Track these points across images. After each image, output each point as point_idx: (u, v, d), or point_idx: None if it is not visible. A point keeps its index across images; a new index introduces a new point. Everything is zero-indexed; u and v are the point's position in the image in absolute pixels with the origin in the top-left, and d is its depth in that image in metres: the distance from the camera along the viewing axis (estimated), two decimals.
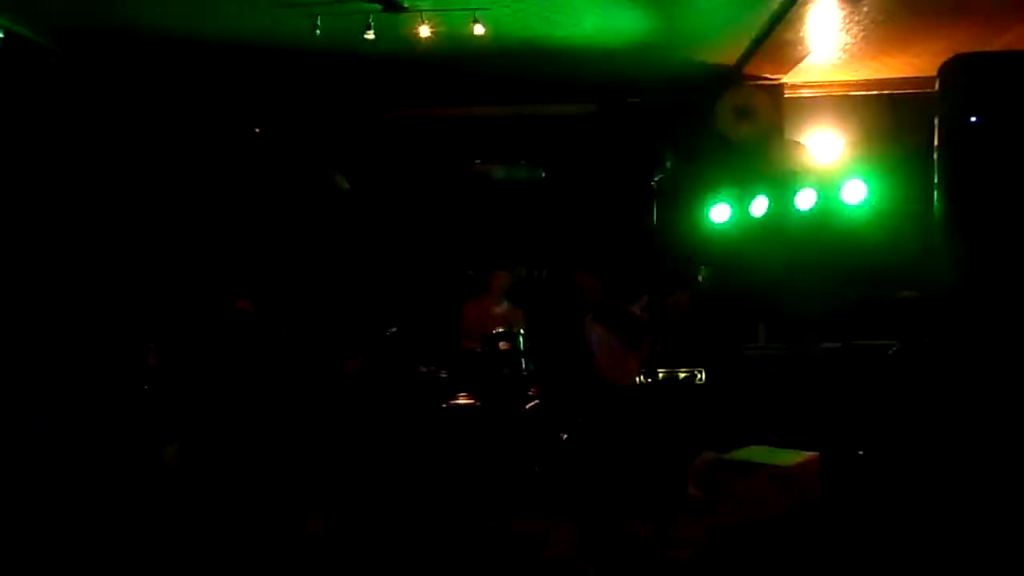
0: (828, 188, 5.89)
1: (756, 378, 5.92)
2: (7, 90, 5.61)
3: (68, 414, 5.38)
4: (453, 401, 5.69)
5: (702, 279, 4.47)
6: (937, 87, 4.22)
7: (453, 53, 6.00)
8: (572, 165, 7.05)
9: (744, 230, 6.43)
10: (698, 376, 6.09)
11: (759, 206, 6.34)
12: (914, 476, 4.32)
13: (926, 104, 4.50)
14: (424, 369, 5.99)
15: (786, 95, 6.92)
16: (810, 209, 6.04)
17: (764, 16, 5.53)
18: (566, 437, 5.56)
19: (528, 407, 5.66)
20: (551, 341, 4.49)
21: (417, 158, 7.29)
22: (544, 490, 5.34)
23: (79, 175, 6.21)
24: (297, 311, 4.20)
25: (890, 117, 6.78)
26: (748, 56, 6.30)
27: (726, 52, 6.30)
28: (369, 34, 5.32)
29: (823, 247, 6.20)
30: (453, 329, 6.41)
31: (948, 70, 4.18)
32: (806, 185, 6.04)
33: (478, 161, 7.38)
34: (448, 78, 6.79)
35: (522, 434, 5.55)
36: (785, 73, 6.68)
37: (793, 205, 6.09)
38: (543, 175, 7.30)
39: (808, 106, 7.03)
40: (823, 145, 6.87)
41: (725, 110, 6.77)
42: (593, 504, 4.20)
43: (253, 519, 4.50)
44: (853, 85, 6.93)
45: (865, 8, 5.36)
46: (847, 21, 5.61)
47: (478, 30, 5.31)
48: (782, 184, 6.22)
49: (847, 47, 6.12)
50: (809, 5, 5.23)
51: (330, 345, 4.13)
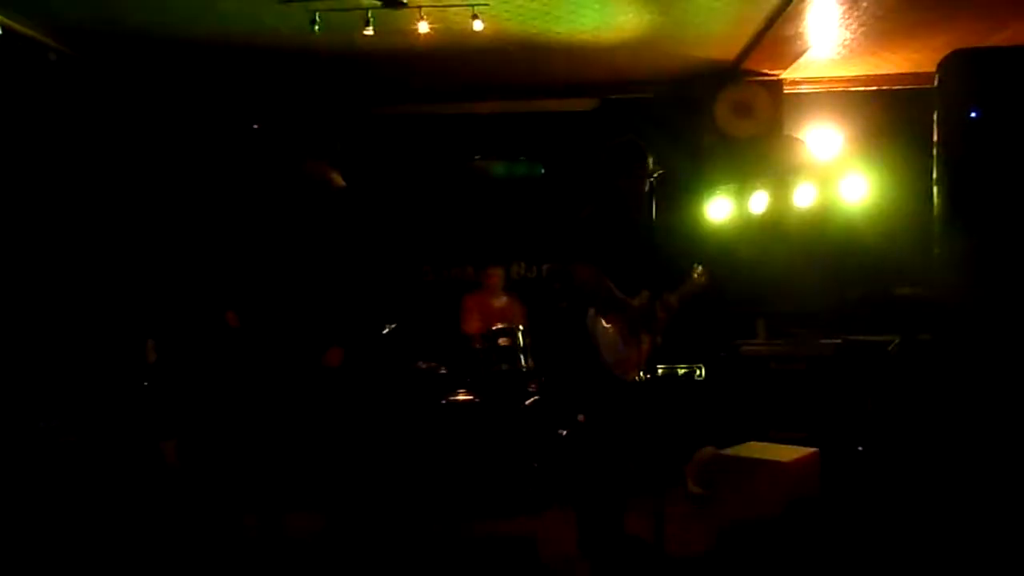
0: (827, 184, 5.90)
1: (755, 374, 5.93)
2: (5, 87, 5.60)
3: (67, 411, 5.38)
4: (452, 397, 5.69)
5: (696, 276, 4.47)
6: (936, 83, 4.22)
7: (452, 49, 6.00)
8: (571, 161, 7.04)
9: (743, 226, 6.44)
10: (697, 372, 6.10)
11: (758, 202, 6.34)
12: (913, 472, 4.33)
13: (925, 100, 4.49)
14: (423, 365, 6.00)
15: (785, 91, 6.91)
16: (809, 205, 6.05)
17: (763, 12, 5.52)
18: (565, 433, 5.57)
19: (528, 403, 5.66)
20: (554, 337, 4.48)
21: (416, 154, 7.29)
22: (543, 487, 5.35)
23: (77, 172, 6.20)
24: (290, 309, 4.20)
25: (889, 113, 6.77)
26: (747, 52, 6.30)
27: (725, 48, 6.29)
28: (368, 30, 5.32)
29: (822, 243, 6.21)
30: (452, 324, 6.41)
31: (947, 66, 4.18)
32: (805, 181, 6.04)
33: (477, 157, 7.38)
34: (447, 74, 6.79)
35: (521, 430, 5.56)
36: (784, 69, 6.68)
37: (792, 201, 6.09)
38: (542, 171, 7.31)
39: (807, 102, 7.02)
40: (822, 141, 6.87)
41: (724, 106, 6.77)
42: (592, 500, 4.20)
43: (252, 516, 4.50)
44: (852, 81, 6.92)
45: (864, 4, 5.36)
46: (846, 17, 5.60)
47: (477, 26, 5.31)
48: (781, 180, 6.22)
49: (846, 43, 6.12)
50: (808, 1, 5.23)
51: (321, 341, 4.12)
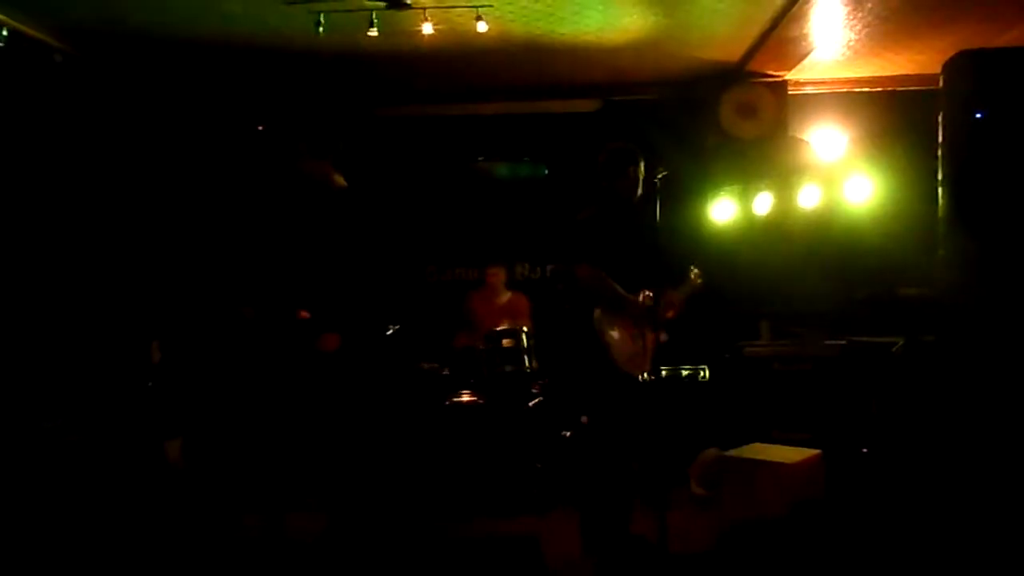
0: (831, 185, 5.89)
1: (759, 375, 5.92)
2: (12, 88, 5.62)
3: (71, 411, 5.39)
4: (456, 398, 5.69)
5: (693, 277, 4.47)
6: (941, 84, 4.22)
7: (456, 50, 6.00)
8: (575, 162, 7.04)
9: (747, 227, 6.43)
10: (701, 374, 6.09)
11: (762, 203, 6.34)
12: (918, 474, 4.32)
13: (930, 101, 4.49)
14: (426, 366, 6.00)
15: (790, 92, 6.89)
16: (813, 206, 6.04)
17: (768, 13, 5.52)
18: (569, 435, 5.56)
19: (531, 404, 5.66)
20: (562, 337, 4.47)
21: (420, 155, 7.29)
22: (546, 488, 5.35)
23: (82, 173, 6.22)
24: (293, 310, 4.20)
25: (894, 114, 6.76)
26: (752, 53, 6.29)
27: (729, 49, 6.29)
28: (372, 31, 5.32)
29: (826, 244, 6.20)
30: (458, 322, 6.40)
31: (952, 66, 4.18)
32: (809, 182, 6.03)
33: (481, 158, 7.38)
34: (451, 75, 6.79)
35: (525, 432, 5.55)
36: (789, 70, 6.67)
37: (796, 202, 6.09)
38: (546, 172, 7.31)
39: (812, 103, 7.01)
40: (827, 142, 6.85)
41: (728, 107, 6.76)
42: (597, 500, 4.20)
43: (255, 516, 4.50)
44: (857, 82, 6.91)
45: (869, 5, 5.36)
46: (851, 18, 5.60)
47: (481, 27, 5.31)
48: (785, 181, 6.22)
49: (851, 44, 6.11)
50: (813, 2, 5.23)
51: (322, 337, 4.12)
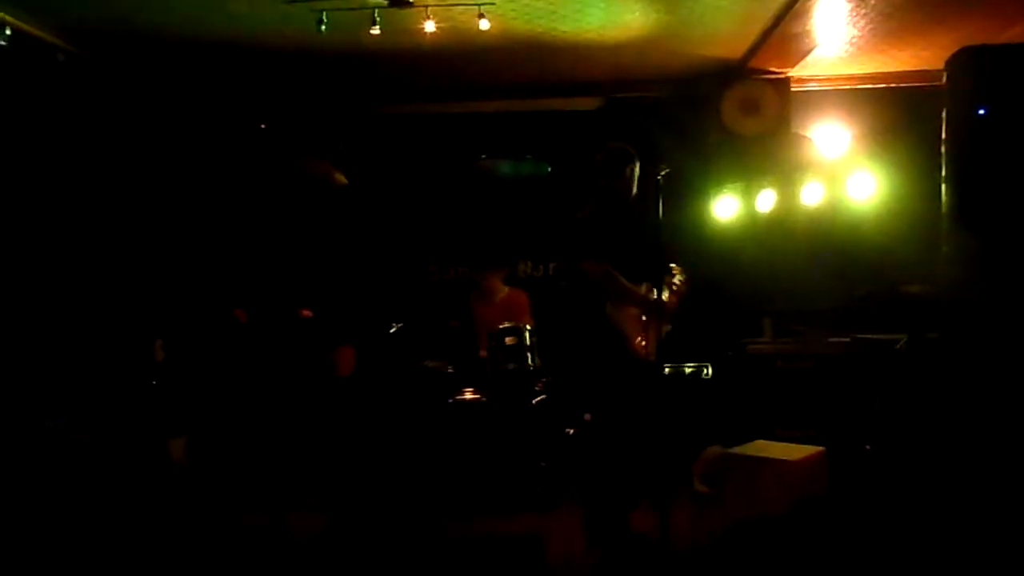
0: (835, 182, 5.88)
1: (762, 373, 5.92)
2: (15, 87, 5.63)
3: (75, 409, 5.41)
4: (459, 396, 5.70)
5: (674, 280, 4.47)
6: (944, 80, 4.21)
7: (459, 48, 6.00)
8: (578, 160, 7.04)
9: (750, 224, 6.43)
10: (704, 371, 6.09)
11: (765, 200, 6.33)
12: (921, 471, 4.32)
13: (933, 97, 4.48)
14: (430, 364, 6.00)
15: (793, 89, 6.87)
16: (816, 203, 6.03)
17: (771, 10, 5.51)
18: (573, 432, 5.57)
19: (535, 401, 5.66)
20: (572, 333, 4.45)
21: (422, 153, 7.28)
22: (550, 486, 5.35)
23: (86, 171, 6.23)
24: (296, 309, 4.20)
25: (897, 110, 6.74)
26: (754, 50, 6.28)
27: (732, 46, 6.28)
28: (375, 30, 5.32)
29: (829, 241, 6.19)
30: (464, 325, 6.40)
31: (955, 63, 4.18)
32: (812, 179, 6.03)
33: (484, 156, 7.38)
34: (454, 73, 6.79)
35: (528, 429, 5.56)
36: (792, 67, 6.66)
37: (799, 199, 6.08)
38: (549, 170, 7.30)
39: (815, 100, 6.99)
40: (830, 139, 6.84)
41: (731, 104, 6.75)
42: (600, 497, 4.21)
43: (257, 515, 4.51)
44: (860, 79, 6.89)
45: (872, 1, 5.35)
46: (854, 14, 5.59)
47: (484, 25, 5.31)
48: (788, 178, 6.21)
49: (854, 40, 6.10)
50: None
51: (328, 340, 4.12)
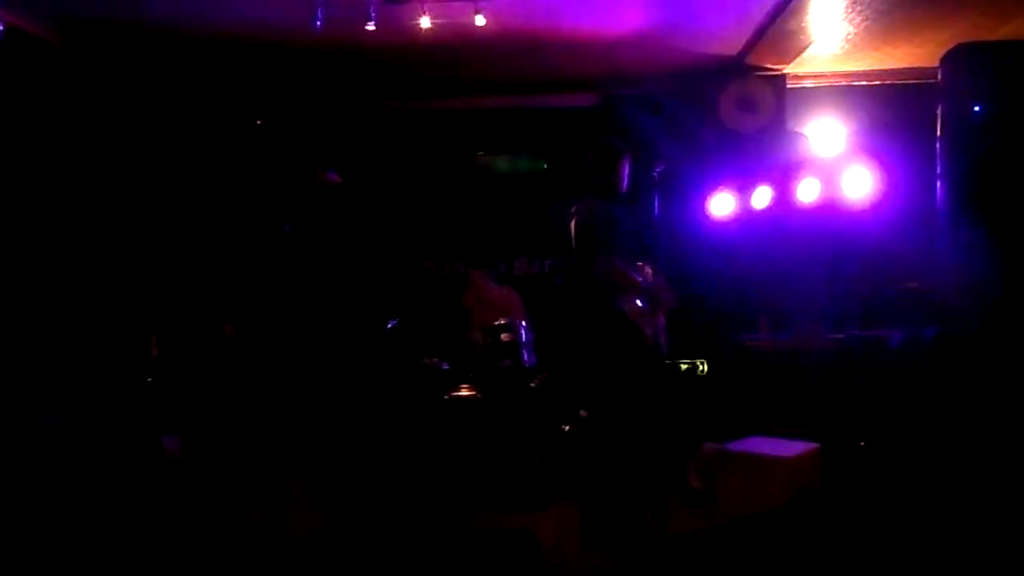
0: (830, 179, 5.88)
1: (757, 369, 5.92)
2: (8, 83, 5.61)
3: (70, 405, 5.40)
4: (455, 393, 5.70)
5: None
6: (940, 77, 4.22)
7: (455, 44, 5.99)
8: (574, 156, 7.03)
9: (746, 221, 6.43)
10: (699, 367, 6.09)
11: (761, 197, 6.33)
12: (916, 468, 4.32)
13: (929, 94, 4.50)
14: (426, 361, 6.00)
15: (788, 86, 6.89)
16: (812, 200, 6.03)
17: (767, 6, 5.51)
18: (568, 428, 5.57)
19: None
20: (585, 328, 4.42)
21: (419, 149, 7.28)
22: (545, 482, 5.35)
23: (81, 168, 6.21)
24: (292, 306, 4.20)
25: (893, 107, 6.76)
26: (750, 47, 6.28)
27: (728, 43, 6.28)
28: (370, 25, 5.31)
29: (825, 238, 6.18)
30: (459, 321, 6.40)
31: (951, 60, 4.19)
32: (808, 176, 6.02)
33: (480, 153, 7.38)
34: (450, 69, 6.78)
35: (524, 426, 5.56)
36: (787, 63, 6.66)
37: (795, 196, 6.08)
38: (545, 167, 7.30)
39: (810, 97, 7.00)
40: (825, 136, 6.85)
41: (727, 101, 6.75)
42: (597, 492, 4.22)
43: (254, 511, 4.51)
44: (856, 75, 6.90)
45: None
46: (849, 11, 5.59)
47: (479, 21, 5.31)
48: (784, 175, 6.21)
49: (850, 37, 6.10)
50: None
51: (324, 337, 4.12)
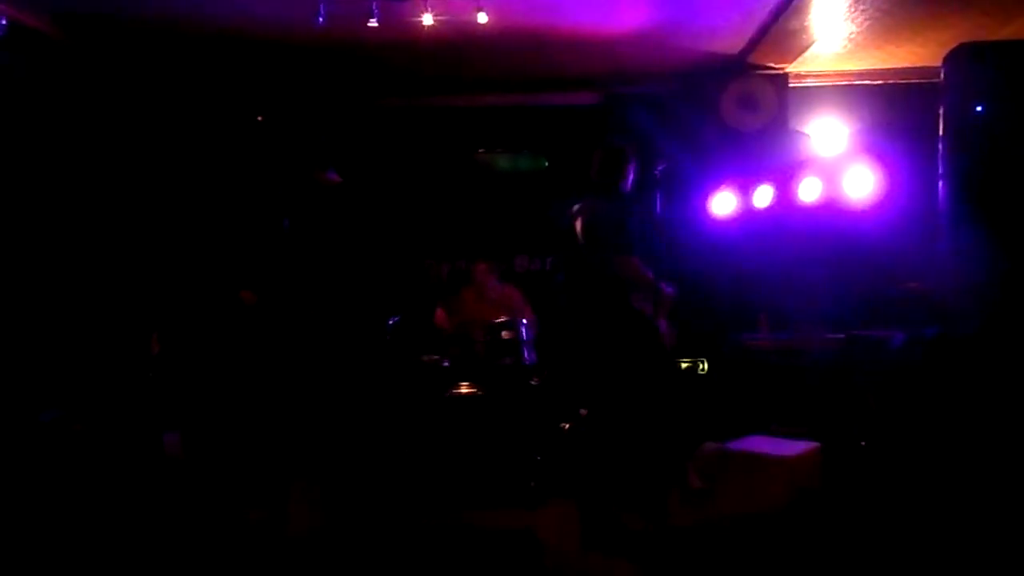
0: (832, 178, 5.87)
1: (757, 368, 5.92)
2: (10, 79, 5.61)
3: (72, 402, 5.40)
4: (455, 390, 5.70)
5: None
6: (942, 76, 4.21)
7: (457, 42, 5.98)
8: (576, 154, 7.03)
9: (747, 220, 6.42)
10: (700, 366, 6.09)
11: (762, 196, 6.33)
12: (916, 468, 4.32)
13: (931, 94, 4.48)
14: (426, 359, 6.00)
15: (790, 85, 6.88)
16: (813, 199, 6.03)
17: (769, 5, 5.51)
18: (568, 427, 5.57)
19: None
20: (604, 327, 4.42)
21: (420, 147, 7.28)
22: (546, 480, 5.35)
23: (81, 163, 6.21)
24: (294, 302, 4.20)
25: (895, 106, 6.75)
26: (752, 45, 6.28)
27: (730, 41, 6.27)
28: (372, 22, 5.31)
29: (826, 237, 6.18)
30: (452, 316, 6.41)
31: (953, 59, 4.18)
32: (810, 175, 6.02)
33: (481, 150, 7.37)
34: (452, 67, 6.77)
35: (524, 424, 5.56)
36: (789, 62, 6.66)
37: (797, 195, 6.08)
38: (546, 164, 7.29)
39: (812, 96, 7.00)
40: (827, 135, 6.85)
41: (729, 99, 6.75)
42: (597, 491, 4.22)
43: (254, 508, 4.52)
44: (858, 75, 6.90)
45: None
46: (852, 10, 5.58)
47: (481, 18, 5.30)
48: (786, 174, 6.20)
49: (852, 36, 6.09)
50: None
51: (326, 334, 4.12)
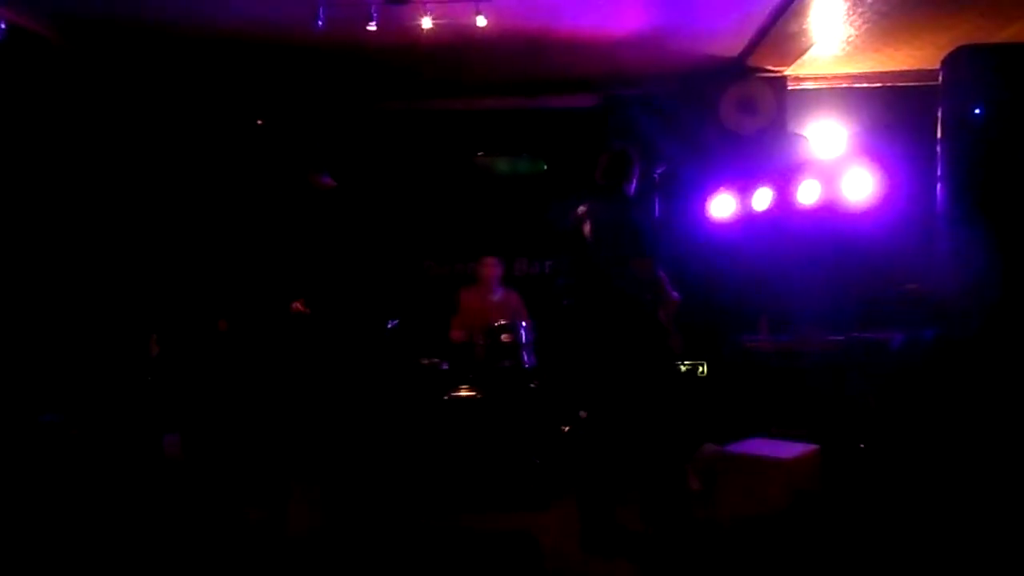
0: (831, 181, 5.88)
1: (757, 370, 5.92)
2: (10, 83, 5.61)
3: (71, 404, 5.40)
4: (454, 393, 5.70)
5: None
6: (940, 79, 4.22)
7: (456, 45, 5.99)
8: (575, 157, 7.04)
9: (746, 222, 6.43)
10: (700, 368, 6.10)
11: (761, 199, 6.33)
12: (916, 470, 4.33)
13: (930, 96, 4.49)
14: (425, 361, 6.00)
15: (789, 87, 6.89)
16: (813, 202, 6.03)
17: (768, 8, 5.51)
18: (568, 429, 5.58)
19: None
20: (621, 331, 4.41)
21: (419, 150, 7.28)
22: (545, 483, 5.35)
23: (81, 167, 6.21)
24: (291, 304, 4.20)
25: (893, 109, 6.76)
26: (751, 48, 6.28)
27: (729, 44, 6.28)
28: (371, 25, 5.31)
29: (825, 240, 6.19)
30: (449, 319, 6.41)
31: (951, 62, 4.18)
32: (809, 178, 6.03)
33: (480, 153, 7.38)
34: (451, 70, 6.78)
35: (524, 427, 5.56)
36: (788, 65, 6.66)
37: (796, 198, 6.08)
38: (545, 167, 7.30)
39: (811, 99, 7.00)
40: (826, 137, 6.85)
41: (728, 102, 6.75)
42: (597, 493, 4.22)
43: (254, 509, 4.52)
44: (856, 77, 6.91)
45: (869, 0, 5.35)
46: (851, 13, 5.59)
47: (480, 22, 5.31)
48: (785, 177, 6.21)
49: (851, 39, 6.10)
50: None
51: (330, 339, 4.12)
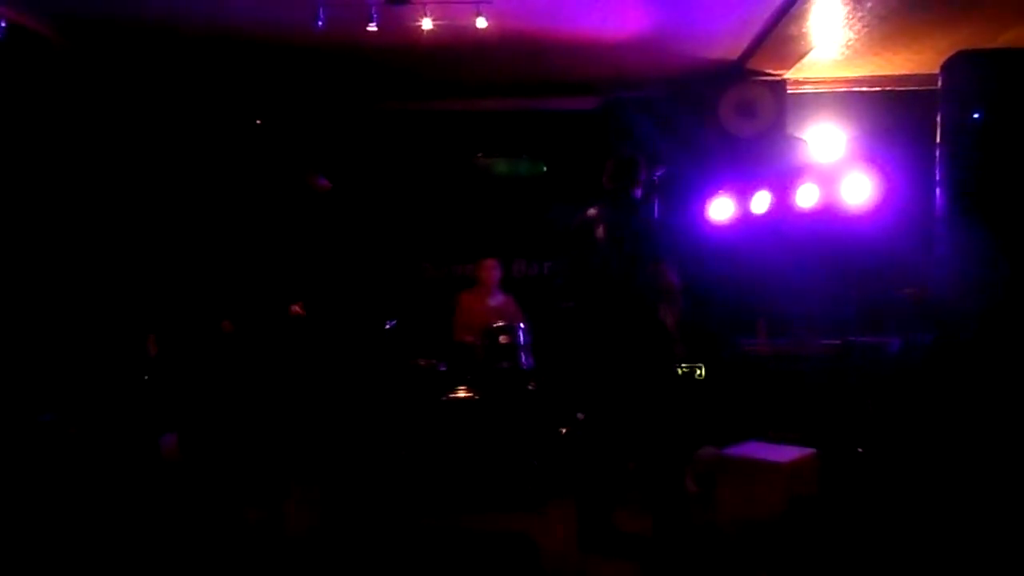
0: (829, 184, 5.88)
1: (755, 374, 5.92)
2: (10, 82, 5.61)
3: (68, 404, 5.39)
4: (452, 394, 5.70)
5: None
6: (939, 83, 4.23)
7: (456, 46, 5.99)
8: (574, 159, 7.04)
9: (745, 226, 6.43)
10: (698, 372, 6.09)
11: (760, 202, 6.34)
12: (913, 473, 4.33)
13: (928, 101, 4.50)
14: (423, 363, 6.00)
15: (788, 91, 6.90)
16: (811, 205, 6.04)
17: (767, 11, 5.52)
18: (565, 431, 5.57)
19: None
20: (626, 333, 4.40)
21: (419, 151, 7.29)
22: (542, 483, 5.35)
23: (79, 166, 6.21)
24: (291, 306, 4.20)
25: (892, 114, 6.77)
26: (751, 51, 6.29)
27: (729, 47, 6.29)
28: (372, 26, 5.32)
29: (824, 243, 6.19)
30: (447, 321, 6.41)
31: (951, 67, 4.19)
32: (807, 181, 6.03)
33: (480, 154, 7.38)
34: (451, 71, 6.78)
35: (521, 428, 5.56)
36: (788, 69, 6.67)
37: (794, 201, 6.09)
38: (545, 169, 7.30)
39: (810, 102, 7.02)
40: (825, 141, 6.86)
41: (728, 105, 6.76)
42: (595, 494, 4.22)
43: (252, 509, 4.51)
44: (856, 81, 6.92)
45: (868, 4, 5.36)
46: (850, 17, 5.60)
47: (481, 23, 5.31)
48: (784, 180, 6.21)
49: (850, 43, 6.11)
50: (812, 1, 5.23)
51: (321, 336, 4.12)
